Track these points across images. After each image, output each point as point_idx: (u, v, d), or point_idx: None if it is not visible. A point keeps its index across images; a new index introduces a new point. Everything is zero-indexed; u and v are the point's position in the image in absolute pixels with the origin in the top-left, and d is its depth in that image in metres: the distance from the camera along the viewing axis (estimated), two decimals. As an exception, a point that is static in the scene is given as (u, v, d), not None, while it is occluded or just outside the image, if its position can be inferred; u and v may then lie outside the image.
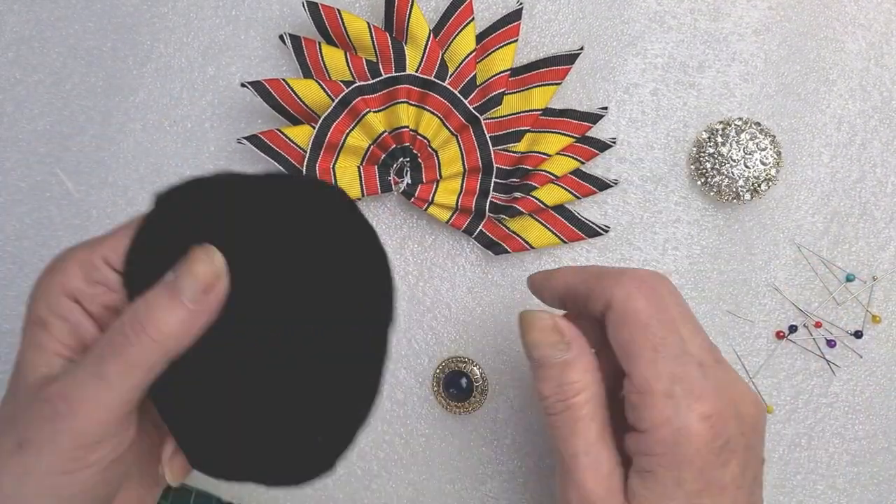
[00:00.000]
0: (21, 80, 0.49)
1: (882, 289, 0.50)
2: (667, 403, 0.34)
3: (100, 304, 0.34)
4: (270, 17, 0.50)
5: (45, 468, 0.31)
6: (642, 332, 0.35)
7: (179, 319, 0.32)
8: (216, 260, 0.33)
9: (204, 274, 0.32)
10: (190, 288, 0.32)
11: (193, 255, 0.33)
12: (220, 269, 0.33)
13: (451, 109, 0.47)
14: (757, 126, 0.49)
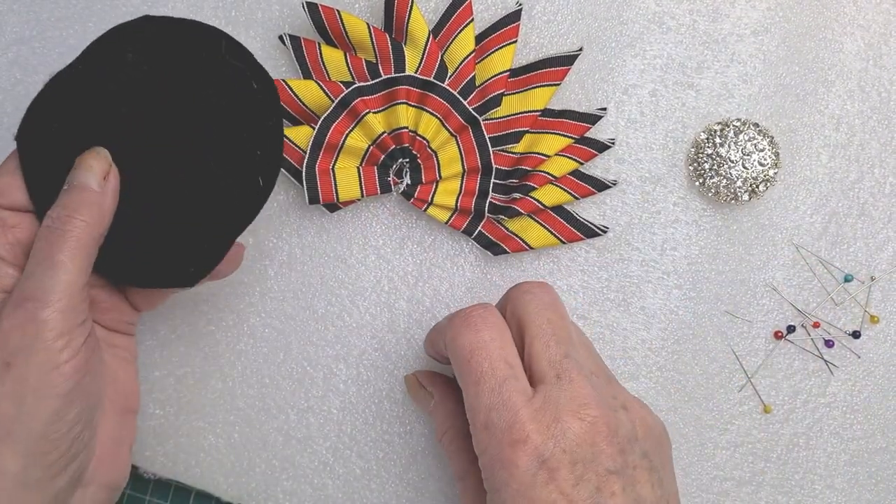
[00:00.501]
0: (21, 80, 0.49)
1: (880, 289, 0.50)
2: (485, 433, 0.36)
3: (4, 243, 0.37)
4: (270, 17, 0.50)
5: (37, 372, 0.34)
6: (466, 366, 0.38)
7: (96, 202, 0.37)
8: (101, 152, 0.39)
9: (98, 164, 0.38)
10: (93, 178, 0.38)
11: (82, 158, 0.38)
12: (107, 158, 0.39)
13: (451, 110, 0.47)
14: (755, 127, 0.49)
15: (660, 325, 0.50)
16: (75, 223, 0.36)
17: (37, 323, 0.35)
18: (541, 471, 0.35)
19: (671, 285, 0.50)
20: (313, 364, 0.49)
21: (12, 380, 0.34)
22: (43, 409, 0.35)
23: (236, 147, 0.40)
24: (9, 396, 0.34)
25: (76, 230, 0.36)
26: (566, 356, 0.38)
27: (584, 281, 0.50)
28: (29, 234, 0.38)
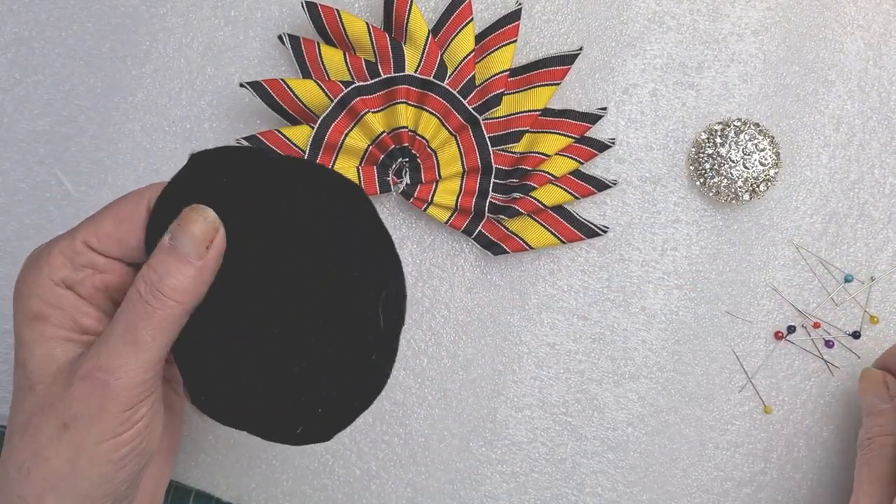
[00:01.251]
0: (20, 80, 0.49)
1: (880, 289, 0.50)
2: None
3: (90, 286, 0.36)
4: (269, 17, 0.50)
5: (95, 438, 0.34)
6: None
7: (191, 277, 0.35)
8: (209, 216, 0.35)
9: (202, 232, 0.35)
10: (192, 247, 0.35)
11: (187, 216, 0.35)
12: (214, 223, 0.35)
13: (450, 110, 0.47)
14: (756, 127, 0.49)
15: (660, 326, 0.50)
16: (165, 301, 0.34)
17: (105, 395, 0.34)
18: None
19: (672, 285, 0.50)
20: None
21: (68, 442, 0.34)
22: (94, 472, 0.34)
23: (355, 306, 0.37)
24: (62, 456, 0.34)
25: (165, 309, 0.34)
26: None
27: (585, 281, 0.50)
28: (118, 280, 0.37)
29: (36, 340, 0.35)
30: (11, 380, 0.48)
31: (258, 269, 0.36)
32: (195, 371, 0.37)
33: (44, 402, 0.35)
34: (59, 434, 0.34)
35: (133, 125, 0.49)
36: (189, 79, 0.50)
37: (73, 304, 0.36)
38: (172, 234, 0.35)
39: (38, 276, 0.36)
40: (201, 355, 0.37)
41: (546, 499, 0.49)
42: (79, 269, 0.36)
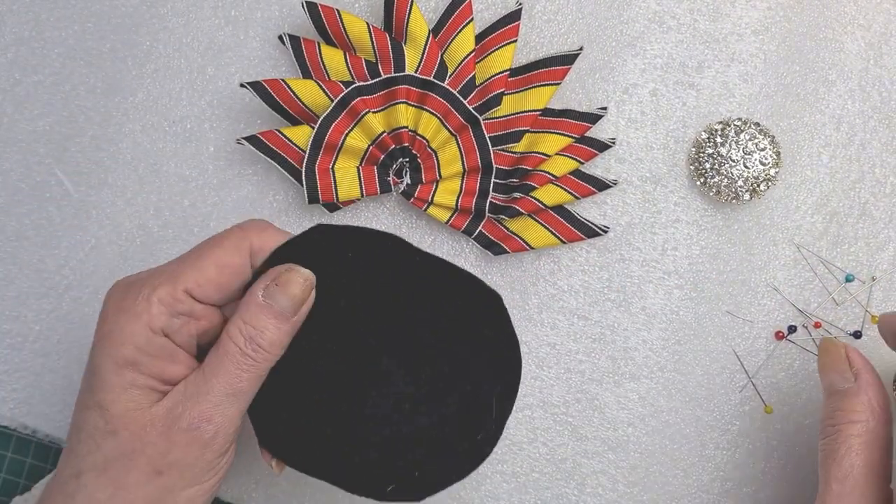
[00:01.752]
0: (20, 80, 0.49)
1: (881, 289, 0.50)
2: None
3: (185, 333, 0.37)
4: (269, 17, 0.50)
5: (184, 484, 0.36)
6: None
7: (286, 333, 0.37)
8: (308, 278, 0.37)
9: (301, 292, 0.37)
10: (291, 306, 0.37)
11: (287, 277, 0.37)
12: (311, 284, 0.37)
13: (451, 110, 0.47)
14: (756, 126, 0.49)
15: (661, 326, 0.50)
16: (263, 355, 0.36)
17: (203, 447, 0.36)
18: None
19: (672, 285, 0.50)
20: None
21: (158, 487, 0.35)
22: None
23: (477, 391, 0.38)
24: (148, 499, 0.35)
25: (262, 362, 0.37)
26: None
27: (585, 281, 0.50)
28: (211, 325, 0.38)
29: (124, 387, 0.36)
30: (10, 379, 0.48)
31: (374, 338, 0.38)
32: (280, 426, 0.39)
33: (131, 448, 0.35)
34: (150, 479, 0.35)
35: (133, 125, 0.49)
36: (189, 79, 0.50)
37: (167, 352, 0.36)
38: (269, 293, 0.37)
39: (135, 323, 0.36)
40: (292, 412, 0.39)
41: (547, 499, 0.49)
42: (177, 317, 0.36)
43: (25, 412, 0.48)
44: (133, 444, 0.35)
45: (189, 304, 0.36)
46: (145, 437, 0.35)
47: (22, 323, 0.49)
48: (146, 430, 0.35)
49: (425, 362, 0.38)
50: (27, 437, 0.49)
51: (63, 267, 0.49)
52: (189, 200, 0.49)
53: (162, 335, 0.36)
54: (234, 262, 0.37)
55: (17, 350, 0.49)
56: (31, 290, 0.49)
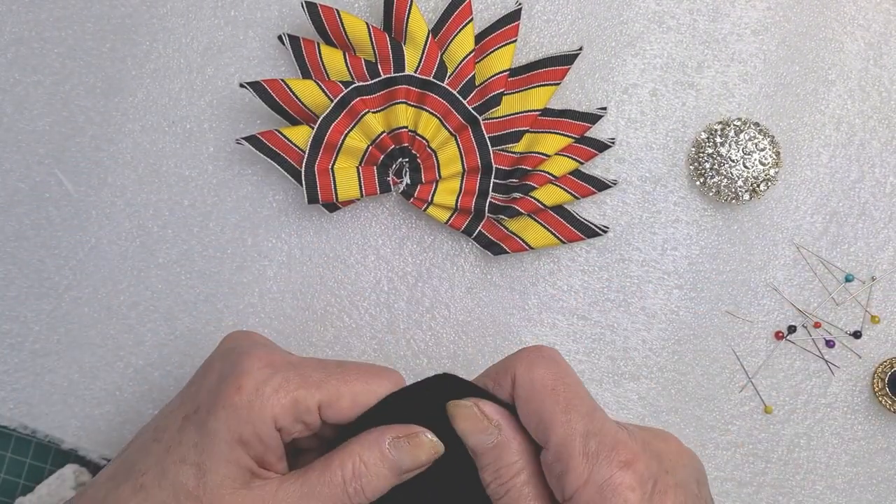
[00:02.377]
0: (20, 80, 0.49)
1: (881, 289, 0.50)
2: (585, 461, 0.34)
3: (294, 435, 0.37)
4: (269, 17, 0.50)
5: None
6: (551, 396, 0.35)
7: (389, 485, 0.37)
8: (439, 450, 0.37)
9: (427, 459, 0.37)
10: (411, 466, 0.37)
11: (421, 441, 0.37)
12: (438, 453, 0.37)
13: (450, 109, 0.47)
14: (756, 126, 0.49)
15: (660, 326, 0.50)
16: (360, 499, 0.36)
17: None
18: (654, 495, 0.34)
19: (672, 285, 0.50)
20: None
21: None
22: None
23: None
24: None
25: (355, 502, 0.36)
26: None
27: (585, 281, 0.50)
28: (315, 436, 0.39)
29: (229, 461, 0.35)
30: (10, 379, 0.48)
31: None
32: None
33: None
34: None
35: (133, 125, 0.49)
36: (189, 79, 0.50)
37: (275, 445, 0.36)
38: (398, 446, 0.37)
39: (262, 410, 0.35)
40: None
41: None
42: (298, 423, 0.36)
43: (25, 412, 0.48)
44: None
45: (314, 417, 0.37)
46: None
47: (21, 323, 0.49)
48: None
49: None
50: (27, 437, 0.49)
51: (63, 267, 0.49)
52: (189, 200, 0.49)
53: (278, 428, 0.36)
54: (366, 401, 0.37)
55: (17, 350, 0.49)
56: (31, 290, 0.49)
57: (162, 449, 0.36)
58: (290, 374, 0.36)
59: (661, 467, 0.34)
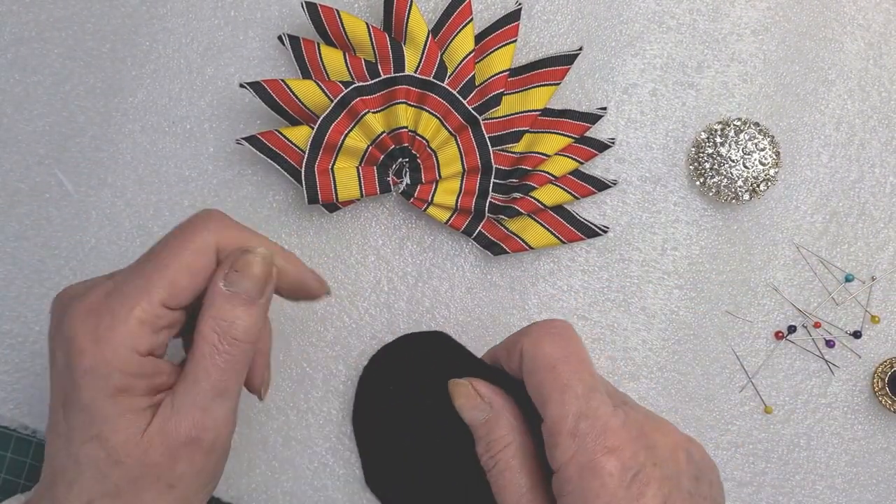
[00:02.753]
0: (20, 80, 0.49)
1: (881, 289, 0.50)
2: (572, 441, 0.35)
3: (166, 343, 0.37)
4: (269, 17, 0.50)
5: (198, 488, 0.37)
6: (550, 374, 0.36)
7: (259, 316, 0.37)
8: (265, 255, 0.37)
9: (262, 272, 0.37)
10: (255, 288, 0.36)
11: (244, 260, 0.37)
12: (270, 259, 0.37)
13: (450, 109, 0.47)
14: (756, 126, 0.49)
15: (660, 326, 0.50)
16: (240, 346, 0.36)
17: (206, 454, 0.36)
18: (634, 484, 0.34)
19: (672, 285, 0.50)
20: (313, 365, 0.49)
21: (175, 499, 0.36)
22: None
23: None
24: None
25: (240, 354, 0.36)
26: (617, 388, 0.39)
27: (585, 281, 0.50)
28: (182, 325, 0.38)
29: (121, 414, 0.35)
30: (11, 380, 0.48)
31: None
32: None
33: (139, 473, 0.35)
34: (164, 494, 0.36)
35: (133, 125, 0.49)
36: (189, 79, 0.50)
37: (154, 368, 0.36)
38: (230, 280, 0.36)
39: (117, 350, 0.34)
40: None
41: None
42: (159, 332, 0.36)
43: (25, 412, 0.49)
44: (140, 469, 0.35)
45: (168, 317, 0.36)
46: (149, 460, 0.35)
47: (22, 323, 0.49)
48: (148, 453, 0.35)
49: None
50: (27, 437, 0.49)
51: (63, 267, 0.49)
52: (189, 201, 0.49)
53: (147, 354, 0.35)
54: (205, 264, 0.36)
55: (18, 350, 0.49)
56: (31, 291, 0.49)
57: (63, 442, 0.36)
58: (114, 305, 0.35)
59: (649, 458, 0.35)
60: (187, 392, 0.36)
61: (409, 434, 0.47)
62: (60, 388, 0.36)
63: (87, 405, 0.35)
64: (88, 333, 0.34)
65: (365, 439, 0.48)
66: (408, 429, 0.47)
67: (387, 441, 0.48)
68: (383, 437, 0.48)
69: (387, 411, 0.47)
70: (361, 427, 0.48)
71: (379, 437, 0.48)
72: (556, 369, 0.36)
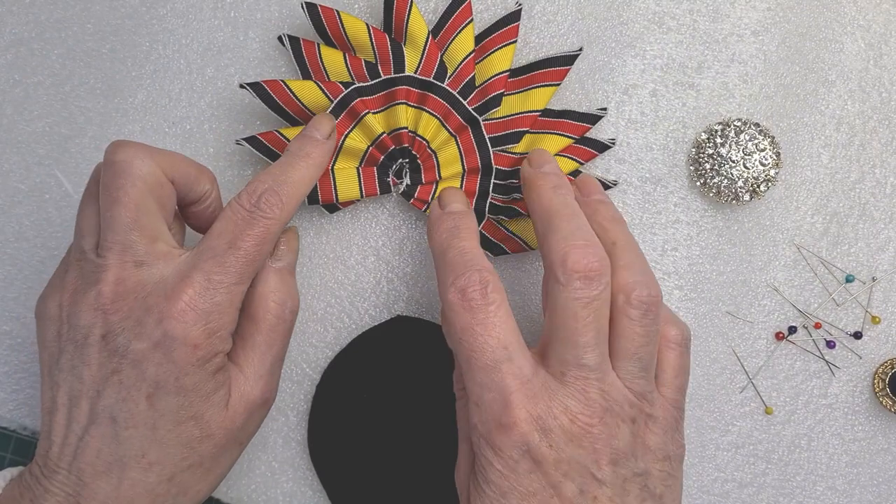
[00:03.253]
0: (20, 81, 0.49)
1: (881, 290, 0.50)
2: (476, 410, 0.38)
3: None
4: (269, 18, 0.50)
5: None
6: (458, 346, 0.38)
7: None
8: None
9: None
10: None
11: (288, 237, 0.45)
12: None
13: (450, 110, 0.47)
14: (756, 127, 0.49)
15: (660, 326, 0.50)
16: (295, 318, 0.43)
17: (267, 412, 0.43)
18: (524, 459, 0.35)
19: (672, 286, 0.50)
20: (313, 366, 0.49)
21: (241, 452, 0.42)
22: None
23: None
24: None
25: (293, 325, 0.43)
26: (580, 363, 0.37)
27: (585, 282, 0.50)
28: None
29: (215, 391, 0.39)
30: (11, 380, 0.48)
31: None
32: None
33: (225, 441, 0.40)
34: (235, 452, 0.42)
35: (133, 126, 0.49)
36: (189, 80, 0.50)
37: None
38: (277, 256, 0.44)
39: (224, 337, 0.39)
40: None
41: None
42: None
43: (26, 413, 0.49)
44: (226, 438, 0.40)
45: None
46: (234, 428, 0.40)
47: (22, 324, 0.49)
48: (234, 422, 0.40)
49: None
50: (27, 438, 0.49)
51: (63, 268, 0.49)
52: (189, 201, 0.49)
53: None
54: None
55: (18, 351, 0.49)
56: (32, 291, 0.49)
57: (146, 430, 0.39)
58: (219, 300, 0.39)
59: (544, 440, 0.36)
60: (259, 361, 0.41)
61: (381, 449, 0.47)
62: (149, 382, 0.38)
63: (190, 389, 0.38)
64: (200, 329, 0.38)
65: (329, 466, 0.48)
66: (382, 442, 0.47)
67: (358, 463, 0.47)
68: (352, 459, 0.47)
69: (353, 426, 0.47)
70: (322, 452, 0.48)
71: (347, 459, 0.47)
72: (461, 341, 0.38)
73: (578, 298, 0.36)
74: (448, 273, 0.38)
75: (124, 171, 0.39)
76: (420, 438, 0.46)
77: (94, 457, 0.38)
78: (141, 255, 0.38)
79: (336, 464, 0.47)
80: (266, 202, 0.39)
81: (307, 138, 0.43)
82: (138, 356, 0.37)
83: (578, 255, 0.37)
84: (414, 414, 0.47)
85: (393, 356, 0.47)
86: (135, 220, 0.38)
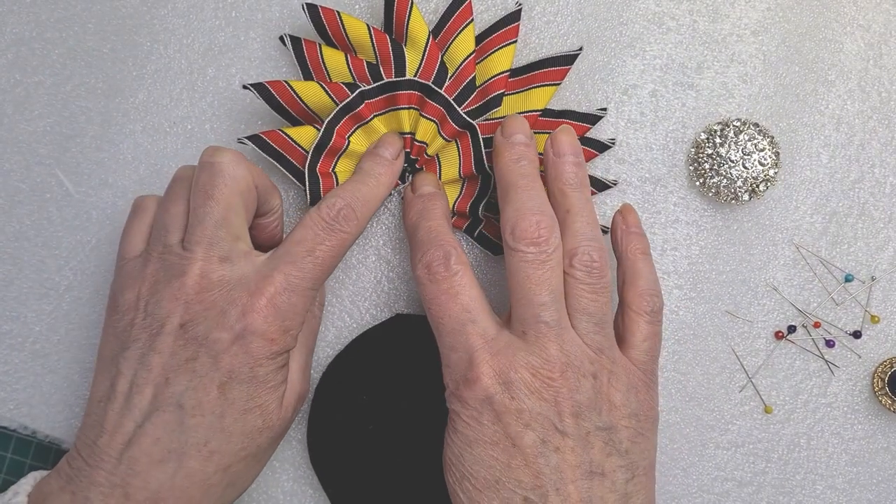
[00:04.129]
0: (21, 81, 0.49)
1: (881, 289, 0.50)
2: (445, 369, 0.42)
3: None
4: (270, 18, 0.50)
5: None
6: (427, 313, 0.42)
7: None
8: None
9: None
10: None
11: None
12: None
13: (446, 116, 0.47)
14: (755, 127, 0.49)
15: (660, 326, 0.50)
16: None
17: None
18: (487, 410, 0.39)
19: (671, 285, 0.50)
20: (313, 365, 0.49)
21: (280, 441, 0.44)
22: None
23: None
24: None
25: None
26: (538, 320, 0.39)
27: (585, 281, 0.50)
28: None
29: (281, 382, 0.42)
30: (11, 380, 0.48)
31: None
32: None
33: (279, 433, 0.42)
34: (279, 441, 0.44)
35: (134, 126, 0.50)
36: (190, 80, 0.50)
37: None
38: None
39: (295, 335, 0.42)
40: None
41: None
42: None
43: (26, 413, 0.48)
44: (281, 430, 0.42)
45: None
46: (287, 420, 0.43)
47: (22, 324, 0.49)
48: (288, 415, 0.42)
49: None
50: (27, 437, 0.49)
51: (63, 267, 0.49)
52: (189, 201, 0.49)
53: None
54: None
55: (18, 351, 0.49)
56: (32, 291, 0.49)
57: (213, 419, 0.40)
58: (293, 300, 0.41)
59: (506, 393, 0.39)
60: (302, 356, 0.44)
61: (383, 452, 0.47)
62: (223, 371, 0.39)
63: (260, 380, 0.40)
64: (277, 325, 0.40)
65: (329, 466, 0.48)
66: (382, 442, 0.47)
67: (359, 462, 0.47)
68: (352, 459, 0.47)
69: (353, 425, 0.47)
70: (322, 452, 0.48)
71: (347, 458, 0.47)
72: (430, 310, 0.42)
73: (529, 262, 0.40)
74: (416, 251, 0.42)
75: (221, 172, 0.41)
76: (420, 437, 0.46)
77: (152, 445, 0.38)
78: (225, 251, 0.40)
79: (336, 463, 0.47)
80: (344, 217, 0.42)
81: (378, 158, 0.45)
82: (217, 346, 0.39)
83: (526, 223, 0.40)
84: (414, 412, 0.46)
85: (393, 355, 0.47)
86: (224, 217, 0.41)
